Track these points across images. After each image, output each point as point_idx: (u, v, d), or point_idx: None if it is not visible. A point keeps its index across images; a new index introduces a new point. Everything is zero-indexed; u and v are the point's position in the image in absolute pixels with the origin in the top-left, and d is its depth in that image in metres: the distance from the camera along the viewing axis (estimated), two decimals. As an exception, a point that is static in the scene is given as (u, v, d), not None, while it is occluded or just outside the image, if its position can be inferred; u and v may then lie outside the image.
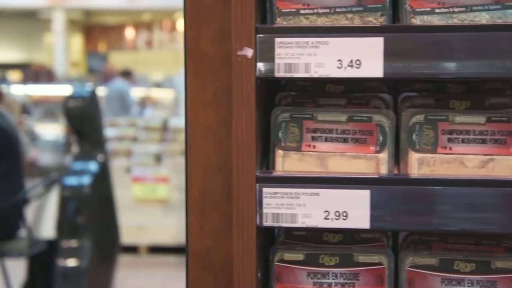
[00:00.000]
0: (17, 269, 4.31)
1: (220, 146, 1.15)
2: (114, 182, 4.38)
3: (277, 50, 1.08)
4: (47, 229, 4.47)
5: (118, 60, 15.95)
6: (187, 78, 1.15)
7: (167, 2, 17.07)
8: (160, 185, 5.80)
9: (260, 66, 1.09)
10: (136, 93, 11.01)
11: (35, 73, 13.08)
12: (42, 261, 4.10)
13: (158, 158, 5.95)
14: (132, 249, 5.68)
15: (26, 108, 10.69)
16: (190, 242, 1.16)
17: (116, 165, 5.66)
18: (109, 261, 4.18)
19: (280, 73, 1.08)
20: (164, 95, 12.58)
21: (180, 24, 19.47)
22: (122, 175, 5.71)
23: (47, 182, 4.29)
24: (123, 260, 4.47)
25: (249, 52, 1.07)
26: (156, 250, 5.85)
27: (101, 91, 9.49)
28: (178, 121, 6.77)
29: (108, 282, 4.16)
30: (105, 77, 12.92)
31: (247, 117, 1.07)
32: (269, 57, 1.09)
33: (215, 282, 1.16)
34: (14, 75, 15.61)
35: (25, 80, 13.04)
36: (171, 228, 5.78)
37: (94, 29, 20.29)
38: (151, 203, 5.81)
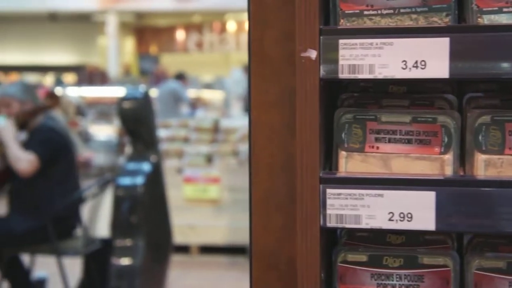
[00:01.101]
0: (74, 267, 4.40)
1: (284, 147, 1.16)
2: (166, 182, 4.43)
3: (341, 52, 1.08)
4: (102, 228, 4.55)
5: (169, 62, 16.16)
6: (251, 79, 1.16)
7: (217, 4, 17.19)
8: (211, 186, 5.84)
9: (324, 67, 1.09)
10: (188, 94, 11.13)
11: (89, 75, 13.32)
12: (97, 260, 4.17)
13: (209, 159, 6.00)
14: (183, 249, 5.73)
15: (80, 110, 10.90)
16: (254, 242, 1.17)
17: (168, 166, 5.73)
18: (162, 260, 4.22)
19: (344, 74, 1.08)
20: (214, 96, 12.69)
21: (230, 26, 19.59)
22: (174, 176, 5.77)
23: (101, 182, 4.36)
24: (175, 259, 4.52)
25: (313, 54, 1.07)
26: (207, 250, 5.89)
27: (153, 93, 9.63)
28: (229, 122, 6.81)
29: (161, 281, 4.20)
30: (157, 79, 13.08)
31: (310, 118, 1.08)
32: (333, 58, 1.09)
33: (279, 282, 1.17)
34: (69, 77, 15.96)
35: (80, 82, 13.30)
36: (221, 228, 5.82)
37: (145, 32, 20.57)
38: (202, 203, 5.86)
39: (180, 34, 19.98)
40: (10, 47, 21.11)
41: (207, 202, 5.85)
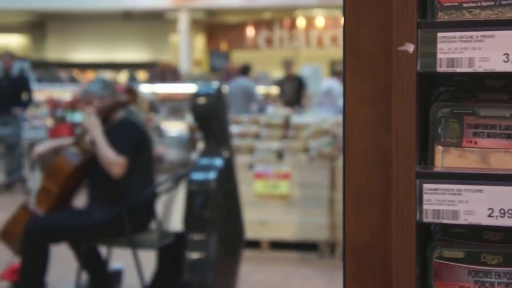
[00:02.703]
0: (148, 259, 4.49)
1: (378, 142, 1.15)
2: (238, 178, 4.46)
3: (439, 45, 1.07)
4: (176, 222, 4.63)
5: (239, 58, 16.25)
6: (345, 74, 1.16)
7: (287, 0, 17.19)
8: (281, 182, 5.85)
9: (421, 61, 1.08)
10: (258, 90, 11.18)
11: (161, 72, 13.54)
12: (171, 253, 4.24)
13: (280, 155, 6.01)
14: (254, 244, 5.76)
15: (153, 106, 11.09)
16: (347, 237, 1.16)
17: (239, 162, 5.77)
18: (234, 255, 4.25)
19: (442, 68, 1.07)
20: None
21: (300, 22, 19.55)
22: (245, 171, 5.81)
23: (175, 177, 4.42)
24: (245, 254, 4.54)
25: (410, 48, 1.06)
26: (277, 245, 5.90)
27: (224, 89, 9.70)
28: (300, 118, 6.80)
29: (233, 275, 4.23)
30: (227, 75, 13.17)
31: (407, 113, 1.07)
32: (431, 52, 1.07)
33: (373, 277, 1.16)
34: (142, 74, 16.29)
35: (152, 79, 13.54)
36: (292, 224, 5.82)
37: (216, 28, 20.77)
38: (272, 199, 5.88)
39: (250, 31, 20.07)
40: (86, 45, 21.73)
41: (278, 198, 5.87)
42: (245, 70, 10.41)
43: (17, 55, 12.24)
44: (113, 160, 3.89)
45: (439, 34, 1.07)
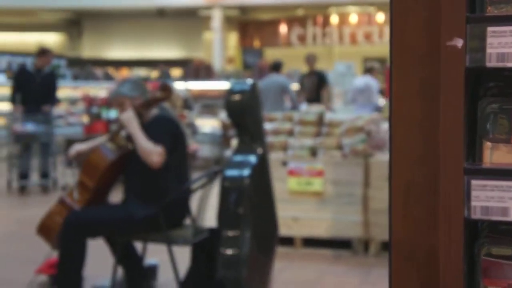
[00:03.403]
0: (183, 255, 4.52)
1: (425, 137, 1.14)
2: (271, 175, 4.46)
3: (489, 40, 1.05)
4: (210, 219, 4.64)
5: (272, 55, 16.28)
6: (392, 70, 1.15)
7: (320, -3, 17.13)
8: (315, 179, 5.84)
9: (470, 56, 1.06)
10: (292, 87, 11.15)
11: (194, 69, 13.60)
12: (205, 249, 4.26)
13: (313, 152, 5.99)
14: (287, 241, 5.76)
15: (187, 103, 11.15)
16: (393, 233, 1.15)
17: (273, 158, 5.77)
18: (268, 251, 4.25)
19: (491, 63, 1.05)
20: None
21: (333, 19, 19.45)
22: (279, 168, 5.81)
23: (210, 173, 4.44)
24: (279, 251, 4.54)
25: (459, 43, 1.05)
26: (311, 242, 5.89)
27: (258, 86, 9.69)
28: (333, 115, 6.77)
29: (267, 272, 4.23)
30: (260, 73, 13.18)
31: (455, 108, 1.06)
32: (480, 47, 1.06)
33: (418, 273, 1.15)
34: (176, 71, 16.39)
35: (186, 76, 13.61)
36: (325, 221, 5.81)
37: (249, 26, 20.79)
38: (306, 196, 5.87)
39: (283, 28, 20.05)
40: (121, 43, 21.95)
41: (311, 195, 5.86)
42: (276, 67, 10.37)
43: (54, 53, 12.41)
44: (152, 149, 3.93)
45: (489, 29, 1.06)
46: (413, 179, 1.15)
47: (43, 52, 8.77)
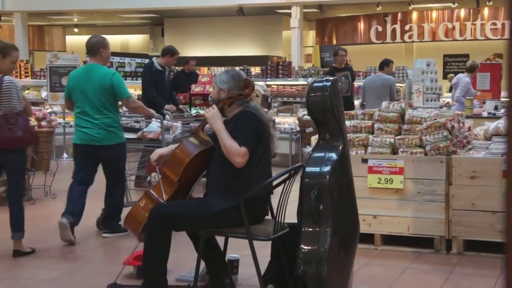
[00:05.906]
0: (264, 250, 4.56)
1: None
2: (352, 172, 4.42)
3: None
4: (291, 215, 4.66)
5: (350, 53, 16.12)
6: (509, 70, 1.12)
7: (400, -6, 16.84)
8: (395, 176, 5.77)
9: None
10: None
11: (274, 67, 13.65)
12: (285, 244, 4.28)
13: (394, 149, 5.93)
14: (367, 238, 5.72)
15: (267, 100, 11.20)
16: (509, 231, 1.13)
17: (353, 155, 5.74)
18: (348, 248, 4.21)
19: None
20: (399, 87, 12.48)
21: (412, 16, 19.08)
22: (359, 165, 5.78)
23: (291, 170, 4.45)
24: (359, 248, 4.51)
25: None
26: (391, 240, 5.83)
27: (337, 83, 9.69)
28: (415, 113, 6.65)
29: (347, 269, 4.19)
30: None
31: None
32: None
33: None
34: (255, 69, 16.49)
35: (265, 74, 13.67)
36: (405, 218, 5.74)
37: (327, 23, 20.68)
38: (386, 193, 5.81)
39: (361, 25, 19.83)
40: (201, 41, 22.26)
41: (391, 192, 5.79)
42: (384, 65, 10.48)
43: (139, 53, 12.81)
44: (236, 150, 3.99)
45: None
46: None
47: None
